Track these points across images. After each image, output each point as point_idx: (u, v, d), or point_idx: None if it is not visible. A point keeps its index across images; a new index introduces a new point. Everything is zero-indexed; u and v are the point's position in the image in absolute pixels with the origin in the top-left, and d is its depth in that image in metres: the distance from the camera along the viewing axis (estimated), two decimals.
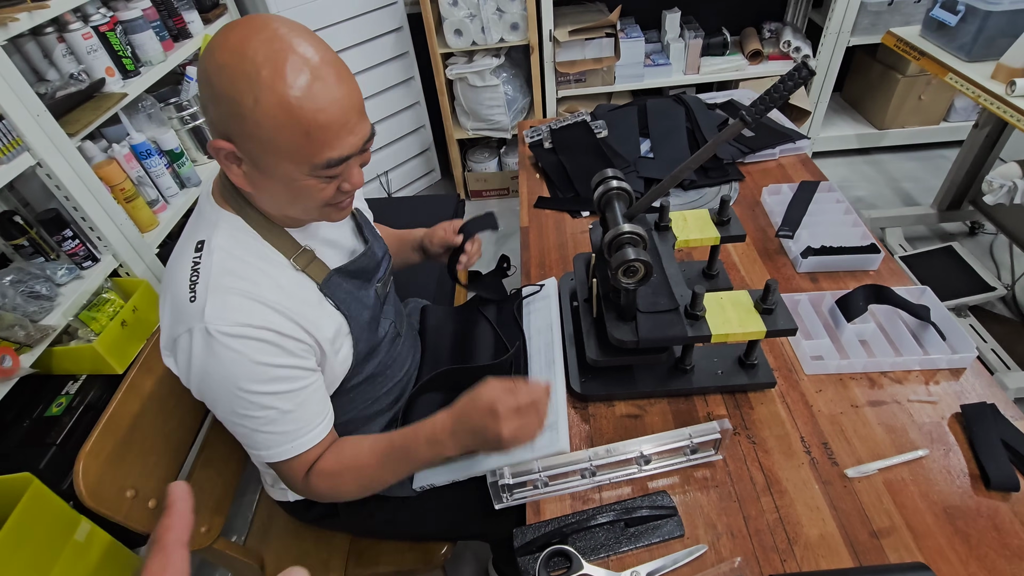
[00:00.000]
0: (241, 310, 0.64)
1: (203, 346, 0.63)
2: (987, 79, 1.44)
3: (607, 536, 0.72)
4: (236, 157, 0.61)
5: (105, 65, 1.40)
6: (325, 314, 0.74)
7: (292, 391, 0.69)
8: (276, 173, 0.61)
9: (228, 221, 0.69)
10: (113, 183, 1.37)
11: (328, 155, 0.60)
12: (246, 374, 0.65)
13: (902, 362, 0.87)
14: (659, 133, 1.45)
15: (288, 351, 0.68)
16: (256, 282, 0.67)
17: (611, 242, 0.75)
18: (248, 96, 0.55)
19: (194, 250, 0.67)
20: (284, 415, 0.69)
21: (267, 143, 0.58)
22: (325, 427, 0.74)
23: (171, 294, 0.67)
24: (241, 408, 0.67)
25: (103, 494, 0.74)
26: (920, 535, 0.69)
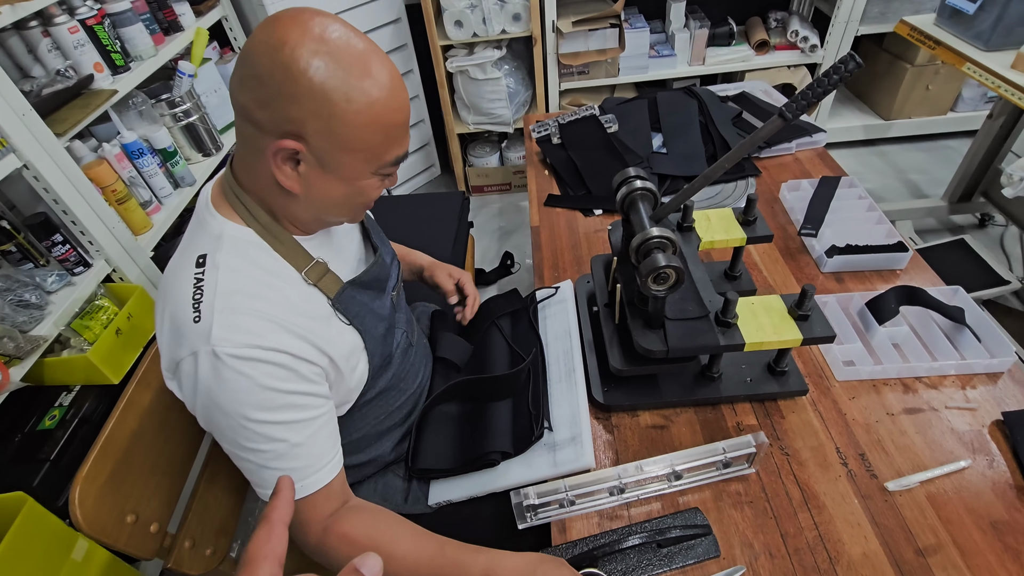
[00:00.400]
0: (251, 331, 0.60)
1: (209, 370, 0.59)
2: (1007, 69, 1.40)
3: (639, 558, 0.68)
4: (296, 158, 0.59)
5: (93, 60, 1.34)
6: (337, 330, 0.70)
7: (303, 421, 0.64)
8: (342, 171, 0.61)
9: (233, 233, 0.64)
10: (104, 184, 1.31)
11: (396, 153, 0.63)
12: (255, 401, 0.60)
13: (938, 367, 0.84)
14: (671, 127, 1.40)
15: (301, 375, 0.63)
16: (267, 299, 0.62)
17: (639, 247, 0.71)
18: (340, 94, 0.55)
19: (195, 265, 0.62)
20: (293, 449, 0.63)
21: (348, 141, 0.58)
22: (336, 465, 0.68)
23: (171, 313, 0.62)
24: (248, 440, 0.62)
25: (102, 521, 0.69)
26: (968, 553, 0.66)
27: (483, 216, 2.49)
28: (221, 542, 0.85)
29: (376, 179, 0.64)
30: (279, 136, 0.57)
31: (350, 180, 0.62)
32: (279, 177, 0.60)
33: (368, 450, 0.85)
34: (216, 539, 0.85)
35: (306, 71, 0.54)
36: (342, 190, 0.63)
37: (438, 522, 0.85)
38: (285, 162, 0.59)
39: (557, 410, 0.85)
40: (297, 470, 0.64)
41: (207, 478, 0.87)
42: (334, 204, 0.65)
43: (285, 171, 0.60)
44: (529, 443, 0.81)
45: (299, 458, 0.64)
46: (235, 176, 0.65)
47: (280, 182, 0.61)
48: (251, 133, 0.59)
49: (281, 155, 0.58)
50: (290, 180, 0.61)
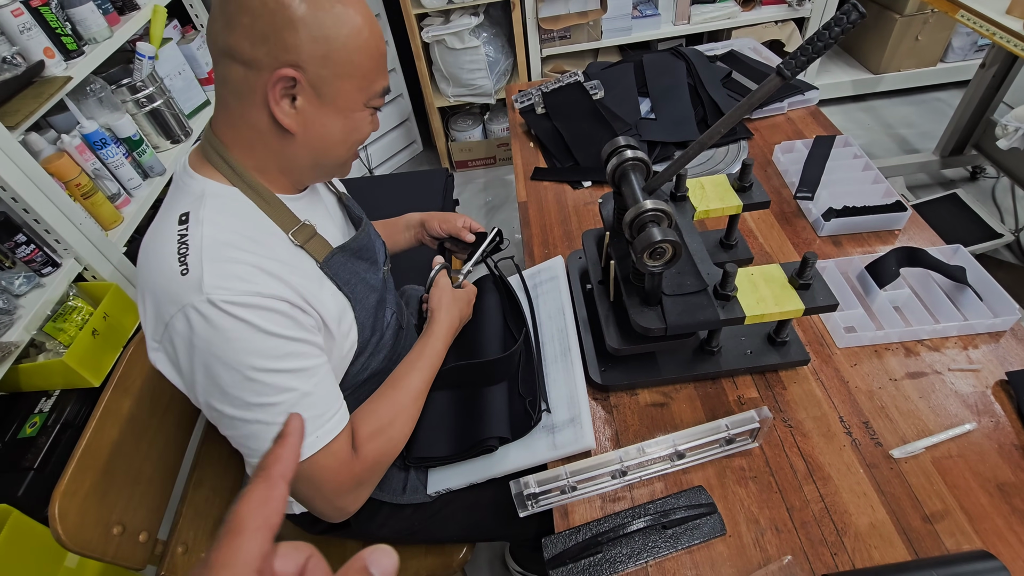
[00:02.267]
0: (246, 278, 0.57)
1: (205, 322, 0.55)
2: (1002, 14, 1.36)
3: (644, 540, 0.67)
4: (293, 93, 0.59)
5: (43, 46, 1.25)
6: (328, 293, 0.67)
7: (309, 368, 0.61)
8: (338, 101, 0.61)
9: (216, 191, 0.62)
10: (67, 179, 1.24)
11: (383, 82, 0.65)
12: (260, 349, 0.56)
13: (941, 329, 0.82)
14: (659, 91, 1.35)
15: (300, 324, 0.61)
16: (256, 252, 0.59)
17: (632, 221, 0.67)
18: (332, 18, 0.57)
19: (178, 223, 0.59)
20: (304, 398, 0.60)
21: (343, 65, 0.59)
22: (346, 411, 0.66)
23: (153, 278, 0.57)
24: (256, 394, 0.57)
25: (86, 535, 0.67)
26: (976, 517, 0.65)
27: (468, 192, 2.43)
28: None
29: (367, 112, 0.65)
30: (277, 67, 0.57)
31: (345, 111, 0.62)
32: (278, 115, 0.59)
33: None
34: (210, 542, 0.82)
35: None
36: (339, 124, 0.63)
37: (438, 510, 0.84)
38: (285, 96, 0.59)
39: (554, 391, 0.83)
40: (312, 419, 0.60)
41: (195, 481, 0.85)
42: (332, 142, 0.64)
43: (283, 107, 0.59)
44: (528, 428, 0.79)
45: (313, 407, 0.61)
46: (216, 135, 0.63)
47: (279, 120, 0.59)
48: (241, 76, 0.57)
49: (280, 87, 0.58)
50: (288, 118, 0.60)
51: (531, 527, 0.83)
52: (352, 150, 0.68)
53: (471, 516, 0.84)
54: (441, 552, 0.92)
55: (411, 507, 0.83)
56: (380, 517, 0.83)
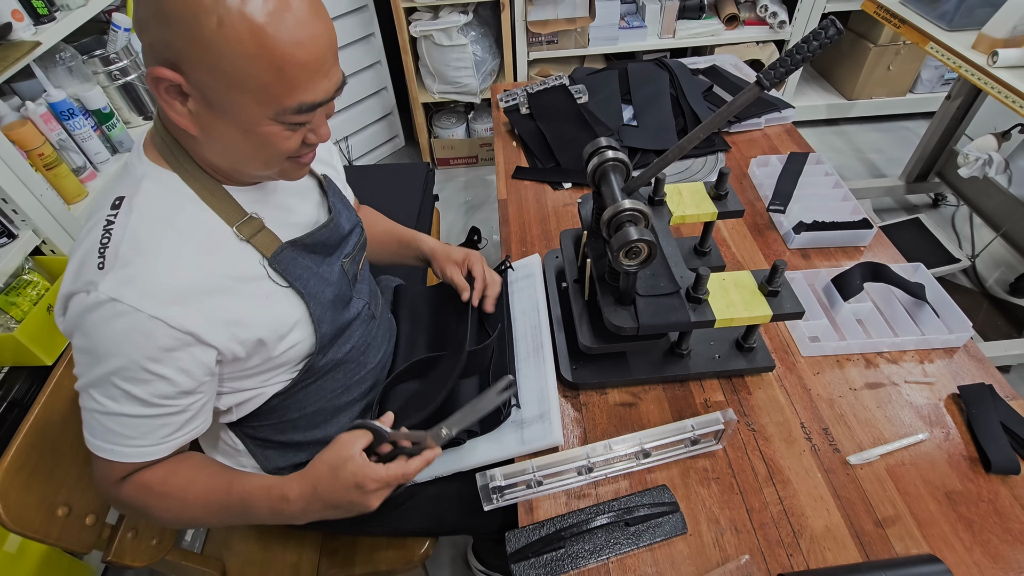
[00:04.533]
0: (146, 292, 0.54)
1: (84, 312, 0.54)
2: (968, 49, 1.42)
3: (607, 537, 0.67)
4: (182, 92, 0.51)
5: (11, 7, 1.20)
6: (267, 294, 0.63)
7: (145, 402, 0.57)
8: (234, 114, 0.52)
9: (158, 178, 0.58)
10: (29, 147, 1.19)
11: (301, 98, 0.52)
12: (110, 359, 0.54)
13: (899, 342, 0.85)
14: (642, 99, 1.37)
15: (176, 362, 0.56)
16: (173, 260, 0.56)
17: (610, 220, 0.68)
18: (211, 16, 0.46)
19: (110, 207, 0.57)
20: (120, 416, 0.58)
21: (229, 77, 0.49)
22: (156, 451, 0.61)
23: (79, 255, 0.57)
24: (91, 383, 0.57)
25: (28, 515, 0.64)
26: (924, 523, 0.68)
27: (449, 190, 2.42)
28: (168, 530, 0.80)
29: (280, 128, 0.54)
30: (155, 63, 0.50)
31: (246, 126, 0.53)
32: (170, 114, 0.53)
33: (324, 425, 0.80)
34: (162, 527, 0.79)
35: None
36: (240, 137, 0.54)
37: (403, 501, 0.83)
38: (171, 96, 0.52)
39: (525, 387, 0.83)
40: (114, 433, 0.59)
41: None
42: (239, 154, 0.57)
43: (175, 107, 0.52)
44: (498, 422, 0.79)
45: (121, 425, 0.58)
46: (162, 119, 0.59)
47: (173, 120, 0.53)
48: None
49: (163, 86, 0.51)
50: (181, 118, 0.53)
51: (495, 521, 0.83)
52: (272, 164, 0.58)
53: (436, 508, 0.83)
54: (403, 545, 0.91)
55: None
56: None
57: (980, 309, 1.78)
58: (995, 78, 1.32)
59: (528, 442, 0.76)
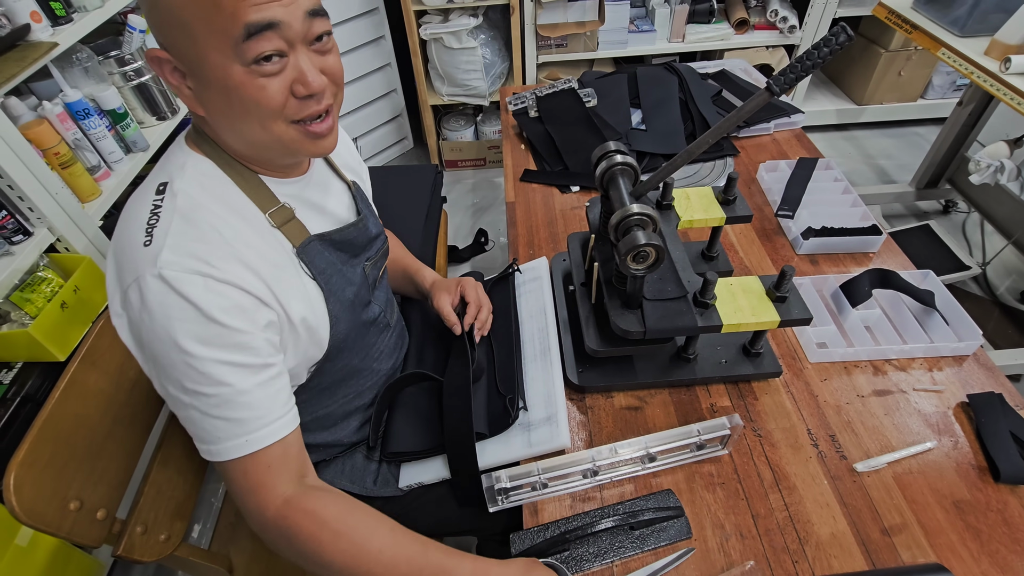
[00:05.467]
0: (204, 258, 0.54)
1: (153, 296, 0.53)
2: (980, 55, 1.41)
3: (611, 540, 0.67)
4: (177, 70, 0.55)
5: (29, 9, 1.22)
6: (298, 284, 0.64)
7: (251, 366, 0.57)
8: (210, 75, 0.52)
9: (197, 164, 0.60)
10: (45, 146, 1.20)
11: (244, 18, 0.49)
12: (199, 333, 0.54)
13: (908, 350, 0.85)
14: (651, 103, 1.37)
15: (251, 316, 0.57)
16: (224, 233, 0.57)
17: (618, 224, 0.68)
18: None
19: (155, 192, 0.58)
20: (240, 396, 0.56)
21: (181, 27, 0.51)
22: (291, 422, 0.61)
23: (120, 243, 0.56)
24: (191, 381, 0.55)
25: (41, 508, 0.64)
26: (932, 532, 0.67)
27: (456, 192, 2.43)
28: (176, 526, 0.81)
29: (253, 75, 0.52)
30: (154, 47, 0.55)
31: (223, 83, 0.52)
32: (180, 98, 0.57)
33: (333, 429, 0.81)
34: (171, 523, 0.80)
35: None
36: (227, 102, 0.54)
37: (408, 503, 0.83)
38: (174, 78, 0.55)
39: (532, 389, 0.83)
40: (244, 421, 0.57)
41: (160, 460, 0.82)
42: (234, 119, 0.56)
43: (183, 91, 0.56)
44: (506, 425, 0.79)
45: (247, 407, 0.57)
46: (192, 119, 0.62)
47: (186, 104, 0.57)
48: None
49: (166, 69, 0.55)
50: (188, 100, 0.57)
51: (500, 523, 0.83)
52: (270, 125, 0.56)
53: (441, 510, 0.84)
54: None
55: (381, 499, 0.82)
56: None
57: (991, 317, 1.76)
58: (1008, 84, 1.31)
59: (535, 444, 0.76)
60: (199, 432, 0.58)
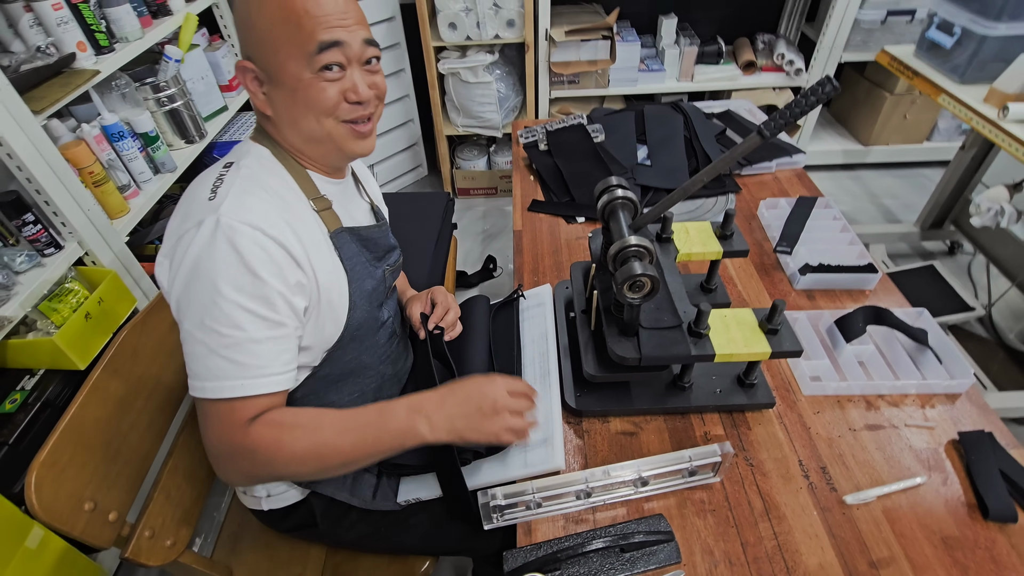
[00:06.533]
0: (258, 215, 0.64)
1: (208, 234, 0.62)
2: (979, 102, 1.46)
3: (602, 562, 0.69)
4: (257, 78, 0.69)
5: (76, 39, 1.31)
6: (330, 259, 0.73)
7: (269, 320, 0.64)
8: (284, 77, 0.66)
9: (259, 152, 0.72)
10: (81, 166, 1.28)
11: (319, 38, 0.64)
12: (235, 278, 0.61)
13: (900, 386, 0.86)
14: (656, 140, 1.43)
15: (285, 275, 0.65)
16: (277, 201, 0.68)
17: (616, 255, 0.72)
18: (253, 2, 0.65)
19: (222, 167, 0.69)
20: (248, 344, 0.62)
21: (269, 41, 0.65)
22: (284, 380, 0.67)
23: (187, 201, 0.67)
24: (212, 319, 0.61)
25: (58, 507, 0.68)
26: (919, 567, 0.68)
27: (468, 219, 2.49)
28: (182, 533, 0.84)
29: (318, 79, 0.66)
30: (240, 59, 0.69)
31: (293, 86, 0.66)
32: (254, 101, 0.70)
33: None
34: (177, 530, 0.83)
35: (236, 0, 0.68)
36: (292, 100, 0.68)
37: (405, 518, 0.85)
38: (255, 85, 0.69)
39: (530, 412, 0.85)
40: (246, 366, 0.63)
41: (171, 467, 0.86)
42: (297, 115, 0.69)
43: (258, 96, 0.69)
44: (503, 446, 0.81)
45: (253, 355, 0.63)
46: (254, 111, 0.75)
47: (258, 107, 0.70)
48: None
49: (248, 77, 0.68)
50: (261, 103, 0.70)
51: (495, 543, 0.85)
52: (323, 119, 0.69)
53: (437, 527, 0.86)
54: (404, 563, 0.93)
55: (379, 513, 0.85)
56: (348, 520, 0.85)
57: (995, 359, 1.76)
58: (1006, 131, 1.35)
59: (531, 465, 0.78)
60: (200, 369, 0.63)
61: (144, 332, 0.88)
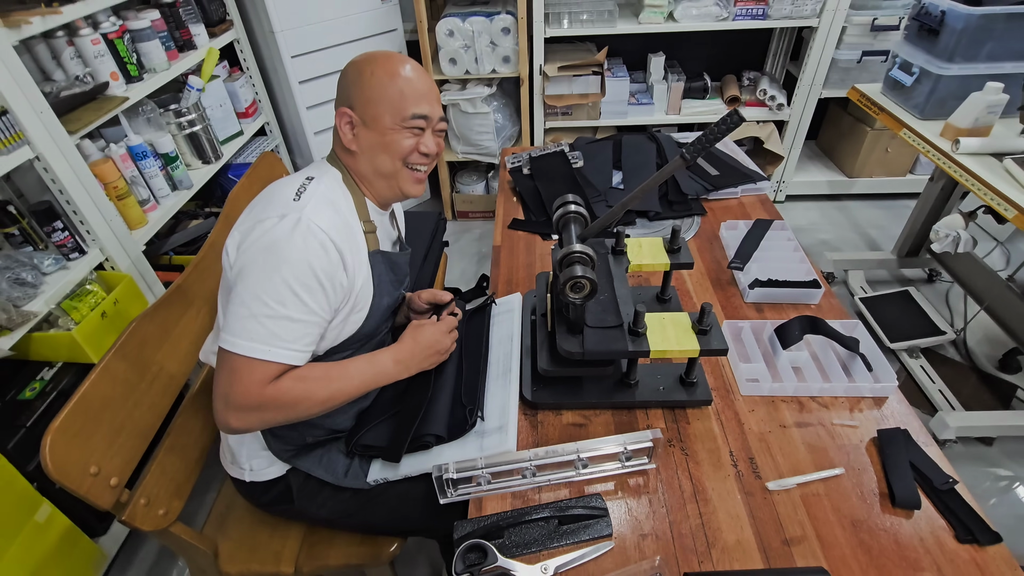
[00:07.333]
0: (330, 223, 0.80)
1: (290, 226, 0.76)
2: (936, 136, 1.56)
3: (540, 532, 0.77)
4: (351, 121, 0.87)
5: (110, 70, 1.48)
6: (365, 273, 0.88)
7: (308, 306, 0.77)
8: (377, 124, 0.85)
9: (334, 174, 0.89)
10: (107, 181, 1.42)
11: (413, 110, 0.86)
12: (295, 266, 0.76)
13: (829, 388, 0.94)
14: (631, 166, 1.54)
15: (332, 276, 0.80)
16: (343, 216, 0.84)
17: (562, 259, 0.83)
18: (367, 69, 0.85)
19: (305, 179, 0.85)
20: (284, 320, 0.76)
21: (374, 99, 0.85)
22: (302, 356, 0.80)
23: (265, 201, 0.83)
24: (263, 291, 0.75)
25: (68, 468, 0.78)
26: (827, 544, 0.75)
27: (465, 240, 2.62)
28: (174, 504, 0.93)
29: (404, 133, 0.86)
30: (340, 107, 0.87)
31: (383, 131, 0.86)
32: (343, 139, 0.88)
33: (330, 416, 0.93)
34: (170, 501, 0.92)
35: (350, 66, 0.88)
36: (379, 140, 0.86)
37: (374, 497, 0.94)
38: (347, 125, 0.87)
39: (490, 403, 0.95)
40: (276, 335, 0.76)
41: (167, 445, 0.96)
42: (377, 153, 0.87)
43: (346, 133, 0.87)
44: (463, 431, 0.91)
45: (283, 329, 0.76)
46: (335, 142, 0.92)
47: (345, 143, 0.88)
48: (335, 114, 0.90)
49: (344, 119, 0.87)
50: (348, 138, 0.87)
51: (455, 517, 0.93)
52: (396, 161, 0.88)
53: (403, 506, 0.94)
54: (373, 543, 1.01)
55: (350, 491, 0.94)
56: (321, 497, 0.94)
57: (968, 383, 1.81)
58: (957, 162, 1.45)
59: (486, 449, 0.87)
60: (237, 327, 0.75)
61: (153, 323, 0.99)
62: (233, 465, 0.94)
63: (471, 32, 2.16)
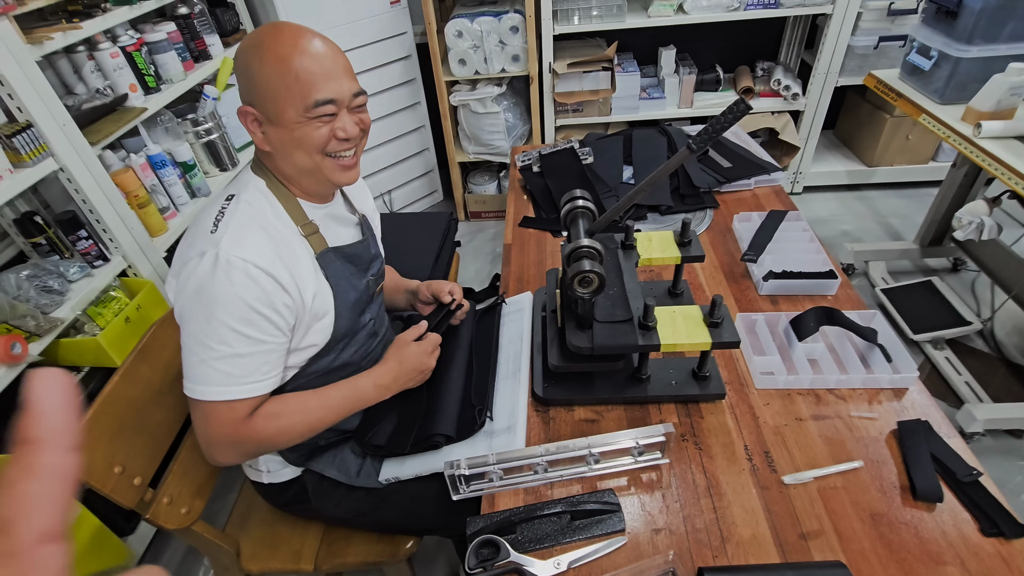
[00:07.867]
0: (254, 249, 0.75)
1: (209, 266, 0.73)
2: (957, 121, 1.52)
3: (553, 528, 0.77)
4: (257, 120, 0.78)
5: (129, 82, 1.52)
6: (314, 279, 0.83)
7: (254, 339, 0.75)
8: (282, 120, 0.76)
9: (256, 184, 0.83)
10: (128, 190, 1.46)
11: (315, 95, 0.75)
12: (228, 305, 0.73)
13: (846, 380, 0.92)
14: (641, 161, 1.53)
15: (272, 303, 0.76)
16: (271, 233, 0.79)
17: (570, 254, 0.82)
18: (255, 58, 0.75)
19: (224, 200, 0.80)
20: (234, 357, 0.74)
21: (270, 92, 0.75)
22: (266, 385, 0.79)
23: (193, 231, 0.78)
24: (206, 335, 0.73)
25: (93, 467, 0.80)
26: (846, 538, 0.74)
27: (479, 240, 2.63)
28: (196, 503, 0.95)
29: (313, 124, 0.76)
30: (242, 104, 0.79)
31: (290, 126, 0.76)
32: (254, 139, 0.80)
33: None
34: (192, 500, 0.95)
35: (238, 55, 0.77)
36: (289, 137, 0.77)
37: (387, 496, 0.95)
38: (254, 125, 0.79)
39: (500, 403, 0.95)
40: (229, 375, 0.75)
41: (189, 445, 0.98)
42: (291, 151, 0.79)
43: (256, 134, 0.79)
44: (472, 431, 0.91)
45: (235, 366, 0.75)
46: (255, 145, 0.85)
47: (258, 144, 0.80)
48: None
49: (248, 119, 0.78)
50: (259, 140, 0.80)
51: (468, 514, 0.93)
52: (314, 154, 0.79)
53: (415, 505, 0.95)
54: (390, 541, 1.02)
55: (363, 490, 0.95)
56: (336, 496, 0.95)
57: (996, 374, 1.75)
58: (979, 147, 1.41)
59: (495, 449, 0.88)
60: (192, 373, 0.76)
61: (173, 326, 1.01)
62: (251, 467, 0.96)
63: (480, 32, 2.17)
